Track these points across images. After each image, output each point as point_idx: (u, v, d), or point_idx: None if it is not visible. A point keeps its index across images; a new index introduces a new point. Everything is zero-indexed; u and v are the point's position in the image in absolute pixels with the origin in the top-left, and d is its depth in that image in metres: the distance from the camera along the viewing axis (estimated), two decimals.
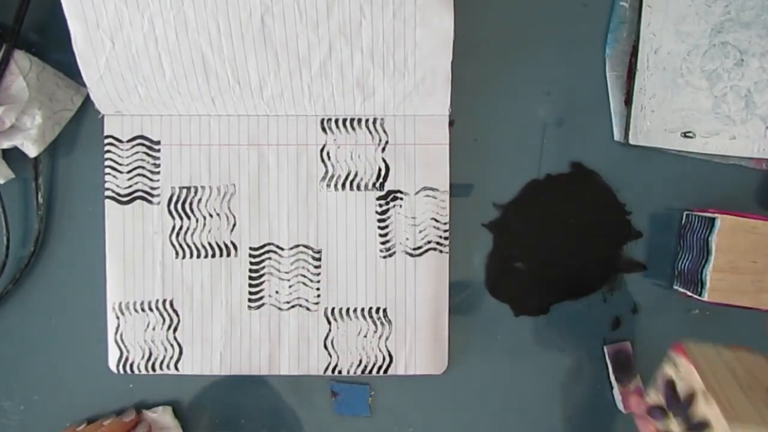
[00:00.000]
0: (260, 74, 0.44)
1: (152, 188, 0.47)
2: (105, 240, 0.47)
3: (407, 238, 0.47)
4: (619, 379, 0.48)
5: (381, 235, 0.48)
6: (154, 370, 0.48)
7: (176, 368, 0.48)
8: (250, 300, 0.48)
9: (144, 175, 0.47)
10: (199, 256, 0.47)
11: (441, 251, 0.47)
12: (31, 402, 0.49)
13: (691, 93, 0.48)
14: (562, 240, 0.49)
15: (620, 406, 0.48)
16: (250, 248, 0.48)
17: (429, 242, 0.47)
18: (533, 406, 0.49)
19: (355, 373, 0.48)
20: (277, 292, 0.48)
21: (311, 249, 0.48)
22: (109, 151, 0.47)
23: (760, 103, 0.47)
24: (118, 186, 0.47)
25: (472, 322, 0.49)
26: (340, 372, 0.48)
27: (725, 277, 0.44)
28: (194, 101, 0.45)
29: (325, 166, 0.47)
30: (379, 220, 0.48)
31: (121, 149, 0.47)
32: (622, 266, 0.49)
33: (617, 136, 0.48)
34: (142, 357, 0.47)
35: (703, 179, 0.48)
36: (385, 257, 0.48)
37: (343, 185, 0.47)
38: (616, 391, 0.48)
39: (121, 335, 0.47)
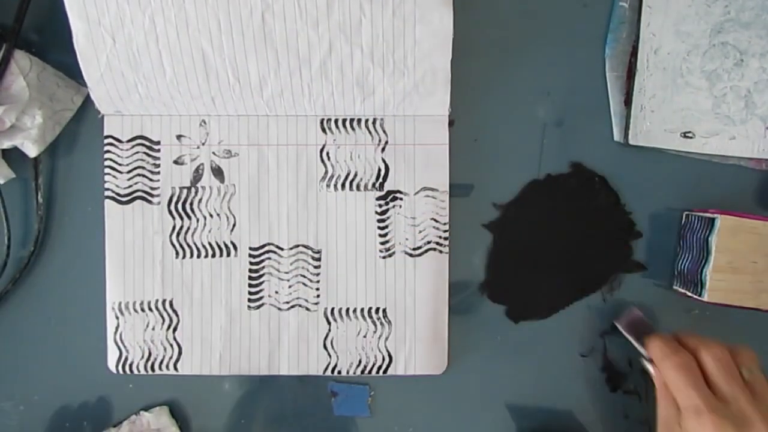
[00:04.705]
0: (260, 73, 0.44)
1: (152, 188, 0.47)
2: (105, 240, 0.47)
3: (407, 239, 0.47)
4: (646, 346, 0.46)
5: (381, 236, 0.48)
6: (153, 370, 0.47)
7: (176, 368, 0.47)
8: (249, 300, 0.48)
9: (144, 175, 0.47)
10: (199, 256, 0.48)
11: (441, 251, 0.47)
12: (31, 402, 0.49)
13: (691, 93, 0.48)
14: (561, 240, 0.49)
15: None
16: (250, 248, 0.48)
17: (429, 242, 0.47)
18: (533, 407, 0.49)
19: (354, 373, 0.48)
20: (276, 292, 0.48)
21: (311, 249, 0.48)
22: (109, 151, 0.47)
23: (760, 103, 0.47)
24: (118, 186, 0.47)
25: (472, 322, 0.49)
26: (339, 372, 0.48)
27: (725, 277, 0.44)
28: (194, 100, 0.45)
29: (325, 166, 0.47)
30: (379, 221, 0.48)
31: (121, 149, 0.47)
32: (622, 266, 0.49)
33: (617, 136, 0.48)
34: (142, 357, 0.47)
35: (703, 179, 0.48)
36: (384, 257, 0.48)
37: (343, 185, 0.47)
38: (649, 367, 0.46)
39: (121, 335, 0.47)
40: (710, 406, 0.37)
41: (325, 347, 0.48)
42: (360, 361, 0.48)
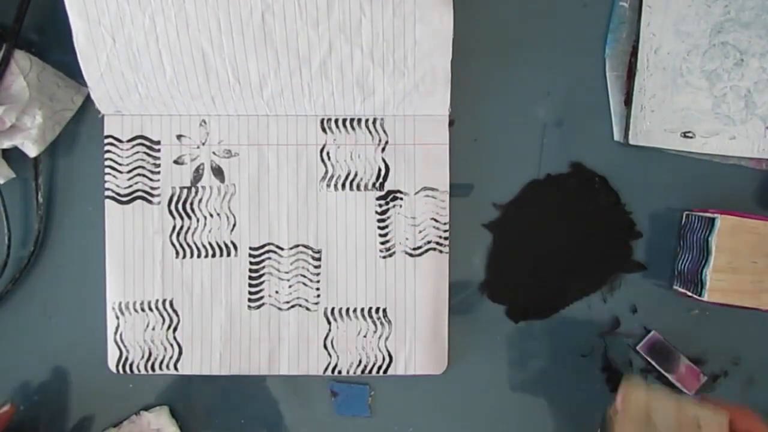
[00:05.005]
0: (260, 73, 0.44)
1: (152, 188, 0.47)
2: (105, 240, 0.47)
3: (407, 238, 0.47)
4: (668, 369, 0.48)
5: (381, 235, 0.48)
6: (153, 370, 0.47)
7: (176, 368, 0.48)
8: (249, 300, 0.48)
9: (144, 175, 0.47)
10: (199, 256, 0.48)
11: (441, 251, 0.47)
12: (31, 402, 0.49)
13: (691, 93, 0.48)
14: (561, 240, 0.49)
15: (687, 391, 0.48)
16: (250, 248, 0.48)
17: (429, 242, 0.47)
18: (533, 407, 0.49)
19: (354, 373, 0.48)
20: (276, 292, 0.48)
21: (311, 249, 0.48)
22: (109, 151, 0.47)
23: (760, 103, 0.47)
24: (118, 186, 0.47)
25: (472, 322, 0.49)
26: (339, 372, 0.48)
27: (725, 277, 0.44)
28: (194, 100, 0.45)
29: (325, 166, 0.47)
30: (379, 220, 0.48)
31: (121, 149, 0.47)
32: (622, 266, 0.49)
33: (617, 136, 0.48)
34: (142, 357, 0.47)
35: (703, 179, 0.48)
36: (384, 257, 0.48)
37: (343, 185, 0.47)
38: (674, 380, 0.48)
39: (121, 335, 0.47)
40: None
41: (325, 347, 0.48)
42: (360, 361, 0.48)
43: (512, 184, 0.49)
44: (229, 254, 0.48)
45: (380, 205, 0.47)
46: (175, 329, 0.47)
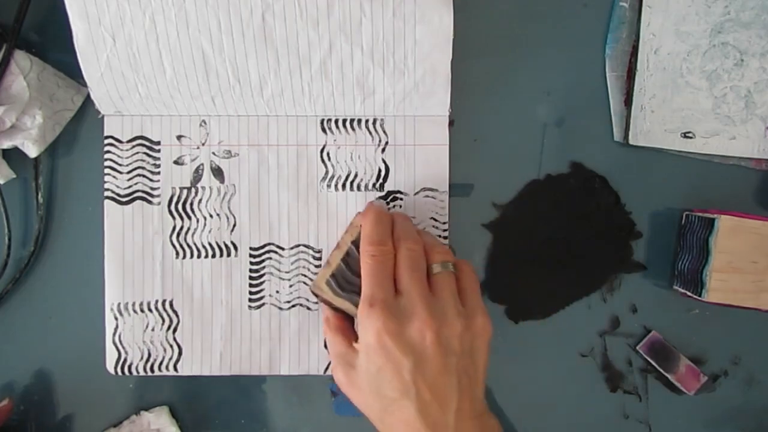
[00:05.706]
0: (260, 73, 0.44)
1: (152, 188, 0.47)
2: (105, 240, 0.47)
3: None
4: (668, 369, 0.48)
5: None
6: (152, 371, 0.47)
7: (175, 369, 0.47)
8: (250, 300, 0.48)
9: (144, 176, 0.47)
10: (199, 257, 0.47)
11: None
12: (31, 402, 0.49)
13: (691, 93, 0.48)
14: (561, 240, 0.49)
15: (687, 391, 0.48)
16: (251, 248, 0.48)
17: None
18: (533, 407, 0.49)
19: None
20: (277, 291, 0.48)
21: (312, 249, 0.48)
22: (109, 152, 0.47)
23: (760, 103, 0.48)
24: (117, 186, 0.47)
25: None
26: None
27: (725, 278, 0.44)
28: (194, 100, 0.45)
29: (325, 166, 0.47)
30: None
31: (121, 149, 0.47)
32: (621, 266, 0.49)
33: (617, 136, 0.48)
34: (141, 358, 0.47)
35: (703, 179, 0.48)
36: None
37: (343, 186, 0.47)
38: (674, 380, 0.49)
39: (120, 336, 0.47)
40: (382, 298, 0.39)
41: (325, 347, 0.48)
42: None
43: (512, 184, 0.49)
44: (229, 254, 0.48)
45: None
46: (174, 330, 0.47)
